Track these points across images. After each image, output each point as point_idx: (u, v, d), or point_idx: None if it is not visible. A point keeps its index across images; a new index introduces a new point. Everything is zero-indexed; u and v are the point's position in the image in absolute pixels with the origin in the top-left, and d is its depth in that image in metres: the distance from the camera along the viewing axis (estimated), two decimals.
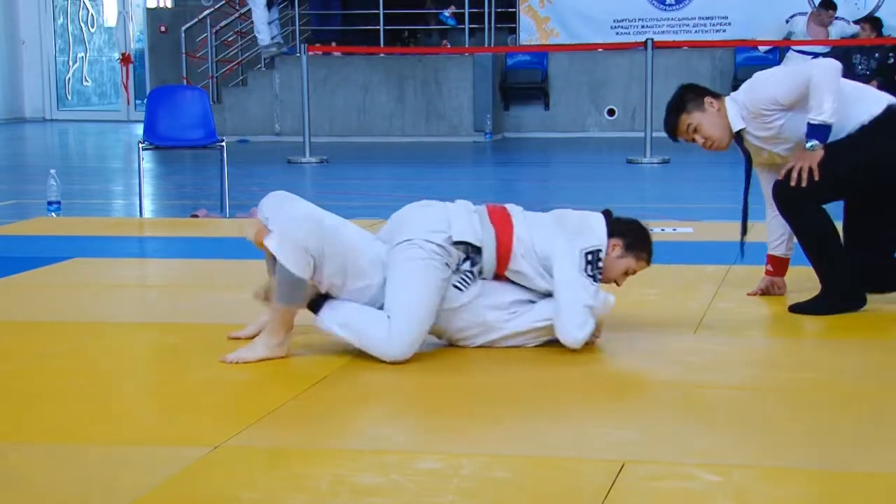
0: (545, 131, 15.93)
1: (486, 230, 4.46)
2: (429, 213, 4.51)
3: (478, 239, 4.43)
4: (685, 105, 5.10)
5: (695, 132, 5.11)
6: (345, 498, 3.09)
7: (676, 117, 5.13)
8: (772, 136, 5.05)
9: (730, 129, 5.08)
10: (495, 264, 4.46)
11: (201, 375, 4.28)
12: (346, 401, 4.02)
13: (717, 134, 5.08)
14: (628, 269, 4.59)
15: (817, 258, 5.07)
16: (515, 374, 4.26)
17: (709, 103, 5.08)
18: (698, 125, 5.09)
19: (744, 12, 15.38)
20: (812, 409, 3.86)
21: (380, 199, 9.29)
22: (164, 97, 9.38)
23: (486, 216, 4.50)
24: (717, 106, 5.08)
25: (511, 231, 4.47)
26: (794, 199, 4.98)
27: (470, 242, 4.41)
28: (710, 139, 5.09)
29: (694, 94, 5.13)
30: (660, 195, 10.17)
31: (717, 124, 5.08)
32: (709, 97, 5.10)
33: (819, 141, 4.89)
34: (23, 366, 4.44)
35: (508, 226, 4.48)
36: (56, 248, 7.04)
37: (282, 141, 15.28)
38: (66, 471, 3.33)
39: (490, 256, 4.44)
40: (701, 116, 5.08)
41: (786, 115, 4.98)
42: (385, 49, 15.73)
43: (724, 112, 5.07)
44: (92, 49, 21.12)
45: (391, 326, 4.30)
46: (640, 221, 4.67)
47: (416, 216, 4.50)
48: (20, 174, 12.67)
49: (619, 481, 3.17)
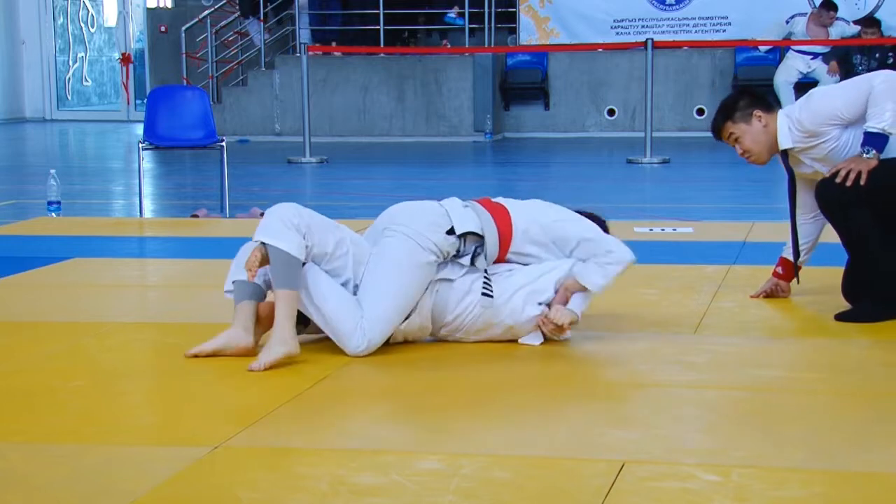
0: (545, 131, 15.93)
1: (484, 218, 4.51)
2: (423, 207, 4.55)
3: (479, 227, 4.48)
4: (733, 113, 5.03)
5: (735, 141, 5.06)
6: (345, 498, 3.09)
7: (722, 122, 5.07)
8: (820, 158, 4.98)
9: (772, 145, 5.01)
10: (497, 248, 4.52)
11: (201, 375, 4.27)
12: (346, 401, 4.02)
13: (757, 149, 5.02)
14: None
15: (861, 259, 4.96)
16: (515, 373, 4.27)
17: (757, 117, 5.00)
18: (740, 136, 5.03)
19: (744, 12, 15.38)
20: (812, 409, 3.87)
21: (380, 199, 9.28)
22: (164, 97, 9.37)
23: (480, 207, 4.57)
24: (766, 122, 5.00)
25: (508, 216, 4.54)
26: (838, 199, 4.86)
27: (474, 231, 4.46)
28: (749, 152, 5.04)
29: (747, 103, 5.03)
30: (660, 195, 10.17)
31: (760, 140, 5.01)
32: (759, 110, 5.00)
33: (876, 150, 4.79)
34: (23, 366, 4.44)
35: (505, 213, 4.55)
36: (56, 248, 7.04)
37: (282, 141, 15.28)
38: (66, 471, 3.33)
39: (493, 240, 4.50)
40: (745, 129, 5.01)
41: (840, 138, 4.90)
42: (385, 49, 15.73)
43: (771, 128, 5.00)
44: (92, 49, 21.12)
45: (362, 326, 4.33)
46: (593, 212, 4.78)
47: (410, 210, 4.54)
48: (20, 174, 12.66)
49: (619, 481, 3.17)
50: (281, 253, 4.28)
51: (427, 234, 4.41)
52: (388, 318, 4.37)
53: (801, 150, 5.02)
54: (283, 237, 4.29)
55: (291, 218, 4.32)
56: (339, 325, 4.35)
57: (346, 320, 4.34)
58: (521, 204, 4.65)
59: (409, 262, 4.38)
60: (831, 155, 4.94)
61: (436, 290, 4.47)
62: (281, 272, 4.30)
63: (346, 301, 4.37)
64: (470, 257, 4.49)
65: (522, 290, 4.51)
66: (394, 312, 4.38)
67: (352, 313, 4.34)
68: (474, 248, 4.48)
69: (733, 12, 15.48)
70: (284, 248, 4.28)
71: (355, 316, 4.34)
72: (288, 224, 4.30)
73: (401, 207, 4.58)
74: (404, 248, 4.39)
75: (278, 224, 4.31)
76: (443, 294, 4.48)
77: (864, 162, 4.81)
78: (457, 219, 4.47)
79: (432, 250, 4.41)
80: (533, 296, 4.50)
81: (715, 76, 15.58)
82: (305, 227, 4.34)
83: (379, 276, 4.38)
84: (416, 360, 4.38)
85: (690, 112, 15.60)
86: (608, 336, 4.57)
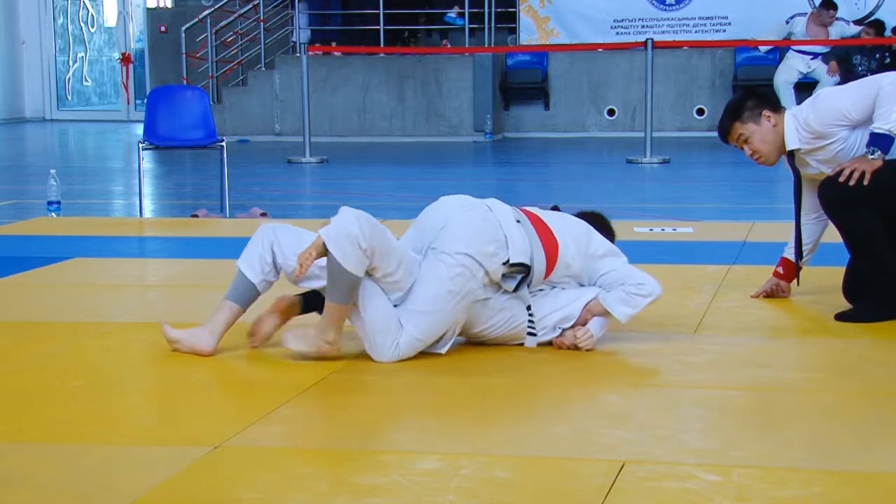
0: (545, 131, 15.93)
1: (535, 245, 4.44)
2: (483, 228, 4.41)
3: (529, 257, 4.42)
4: (742, 113, 5.01)
5: (745, 142, 5.03)
6: (345, 498, 3.09)
7: (730, 123, 5.05)
8: (826, 160, 4.97)
9: (781, 145, 5.01)
10: (542, 279, 4.48)
11: (201, 375, 4.28)
12: (346, 401, 4.02)
13: (766, 150, 5.01)
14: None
15: (864, 259, 4.95)
16: (515, 373, 4.26)
17: (766, 117, 4.98)
18: (749, 137, 5.01)
19: (744, 12, 15.38)
20: (812, 409, 3.87)
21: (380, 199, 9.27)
22: (164, 97, 9.37)
23: (531, 227, 4.47)
24: (775, 121, 4.99)
25: (556, 245, 4.47)
26: (841, 197, 4.84)
27: (523, 263, 4.41)
28: (758, 153, 5.02)
29: (754, 103, 5.02)
30: (660, 195, 10.17)
31: (769, 140, 5.00)
32: (768, 110, 4.99)
33: (882, 150, 4.78)
34: (23, 366, 4.44)
35: (553, 239, 4.48)
36: (56, 248, 7.04)
37: (282, 141, 15.28)
38: (66, 471, 3.33)
39: (539, 271, 4.45)
40: (754, 129, 5.00)
41: (847, 139, 4.89)
42: (385, 49, 15.73)
43: (780, 128, 4.98)
44: (92, 49, 21.11)
45: (399, 344, 4.30)
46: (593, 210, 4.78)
47: (468, 224, 4.41)
48: (20, 174, 12.66)
49: (619, 481, 3.17)
50: (345, 272, 4.20)
51: (485, 263, 4.34)
52: (425, 340, 4.35)
53: (807, 152, 5.01)
54: (350, 255, 4.19)
55: (360, 240, 4.20)
56: (376, 337, 4.31)
57: (385, 335, 4.31)
58: (566, 228, 4.54)
59: (460, 291, 4.32)
60: (838, 157, 4.92)
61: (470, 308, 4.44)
62: (339, 289, 4.24)
63: (388, 315, 4.32)
64: (515, 285, 4.45)
65: (554, 314, 4.50)
66: (431, 335, 4.35)
67: (392, 329, 4.31)
68: (520, 278, 4.43)
69: (733, 12, 15.49)
70: (350, 269, 4.20)
71: (395, 332, 4.31)
72: (355, 243, 4.20)
73: (458, 222, 4.41)
74: (459, 279, 4.32)
75: (347, 241, 4.20)
76: (476, 311, 4.45)
77: (868, 162, 4.79)
78: (513, 246, 4.38)
79: (484, 283, 4.37)
80: (563, 322, 4.51)
81: (715, 76, 15.58)
82: (371, 250, 4.23)
83: (428, 300, 4.31)
84: (417, 361, 4.38)
85: (690, 112, 15.60)
86: (608, 336, 4.57)
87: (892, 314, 4.91)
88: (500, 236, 4.40)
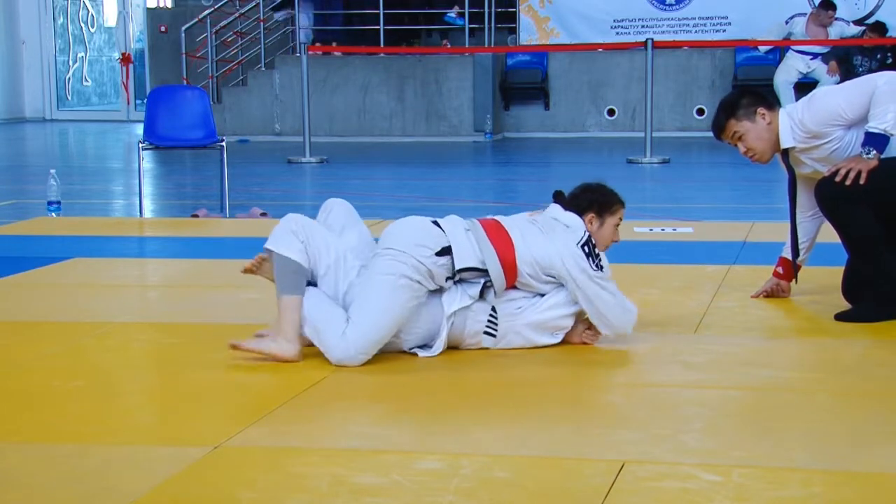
0: (545, 131, 15.93)
1: (486, 250, 4.43)
2: (414, 226, 4.49)
3: (479, 261, 4.42)
4: (736, 111, 5.01)
5: (739, 140, 5.03)
6: (345, 498, 3.09)
7: (725, 120, 5.04)
8: (821, 159, 4.97)
9: (775, 144, 5.00)
10: (504, 281, 4.45)
11: (201, 375, 4.28)
12: (346, 401, 4.02)
13: (761, 147, 5.01)
14: (615, 226, 4.64)
15: (861, 259, 4.95)
16: (515, 373, 4.26)
17: (761, 115, 4.98)
18: (744, 134, 5.00)
19: (744, 12, 15.38)
20: (812, 409, 3.87)
21: (380, 199, 9.27)
22: (164, 97, 9.37)
23: (483, 234, 4.47)
24: (769, 119, 4.98)
25: (512, 248, 4.45)
26: (837, 197, 4.84)
27: (475, 267, 4.41)
28: (753, 151, 5.02)
29: (749, 101, 5.01)
30: (660, 195, 10.17)
31: (764, 138, 4.99)
32: (762, 108, 4.99)
33: (877, 150, 4.78)
34: (23, 366, 4.44)
35: (508, 243, 4.46)
36: (56, 248, 7.04)
37: (282, 141, 15.28)
38: (66, 471, 3.33)
39: (498, 275, 4.42)
40: (749, 126, 4.99)
41: (843, 139, 4.89)
42: (385, 49, 15.73)
43: (774, 126, 4.98)
44: (92, 49, 21.12)
45: (346, 333, 4.30)
46: (586, 182, 4.69)
47: (400, 229, 4.49)
48: (20, 174, 12.67)
49: (619, 481, 3.17)
50: (287, 261, 4.34)
51: (413, 252, 4.36)
52: (371, 332, 4.32)
53: (802, 150, 5.01)
54: (290, 245, 4.37)
55: (297, 233, 4.38)
56: (322, 331, 4.33)
57: (328, 324, 4.33)
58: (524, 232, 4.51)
59: (394, 274, 4.33)
60: (834, 156, 4.92)
61: (451, 323, 4.44)
62: (285, 279, 4.35)
63: (330, 307, 4.37)
64: (479, 290, 4.44)
65: (530, 325, 4.50)
66: (377, 327, 4.33)
67: (336, 319, 4.33)
68: (483, 283, 4.44)
69: (733, 12, 15.49)
70: (291, 256, 4.35)
71: (339, 323, 4.32)
72: (290, 234, 4.37)
73: (392, 227, 4.54)
74: (389, 267, 4.35)
75: (284, 234, 4.39)
76: (458, 325, 4.46)
77: (864, 162, 4.79)
78: (457, 253, 4.39)
79: (417, 269, 4.35)
80: (542, 328, 4.51)
81: (715, 76, 15.58)
82: (307, 239, 4.38)
83: (364, 293, 4.35)
84: (416, 361, 4.38)
85: (690, 112, 15.60)
86: (608, 336, 4.57)
87: (891, 314, 4.91)
88: (434, 233, 4.42)
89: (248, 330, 4.82)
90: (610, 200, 4.63)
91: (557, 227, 4.50)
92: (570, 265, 4.41)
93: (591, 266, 4.42)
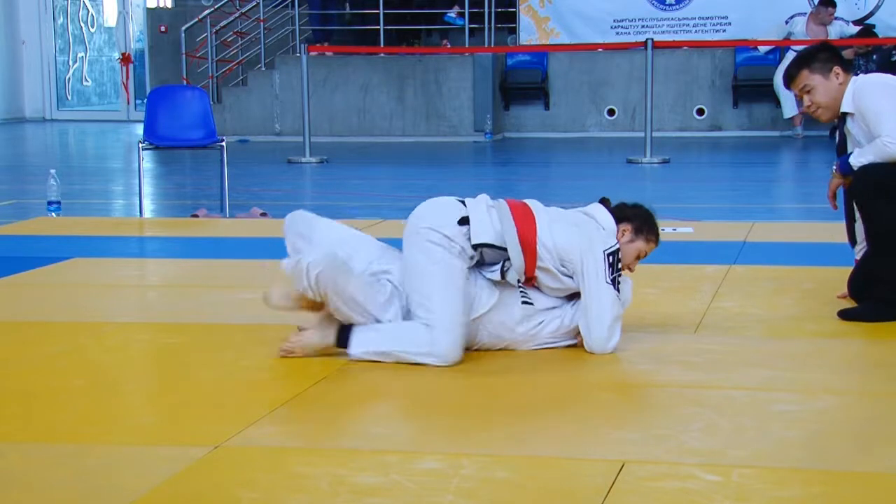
0: (545, 131, 15.93)
1: (507, 225, 4.38)
2: (439, 204, 4.49)
3: (499, 239, 4.37)
4: (812, 63, 5.02)
5: (807, 93, 5.04)
6: (345, 498, 3.09)
7: (798, 70, 5.05)
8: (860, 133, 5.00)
9: (838, 107, 5.02)
10: (524, 264, 4.38)
11: (201, 375, 4.28)
12: (346, 401, 4.02)
13: (826, 103, 5.03)
14: (640, 253, 4.62)
15: (880, 254, 4.92)
16: (515, 374, 4.26)
17: (835, 73, 5.00)
18: (814, 88, 5.01)
19: (744, 12, 15.38)
20: (812, 409, 3.86)
21: (380, 199, 9.28)
22: (164, 97, 9.37)
23: (507, 211, 4.42)
24: (842, 80, 5.00)
25: (534, 229, 4.40)
26: (869, 191, 4.85)
27: (491, 244, 4.37)
28: (818, 105, 5.04)
29: (827, 56, 5.02)
30: (660, 195, 10.15)
31: (832, 96, 5.01)
32: (839, 67, 5.01)
33: (840, 168, 4.89)
34: (23, 366, 4.44)
35: (531, 224, 4.41)
36: (56, 248, 7.04)
37: (282, 141, 15.28)
38: (66, 471, 3.33)
39: (517, 254, 4.37)
40: (821, 81, 5.00)
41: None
42: (385, 49, 15.73)
43: (843, 88, 5.00)
44: (92, 49, 21.11)
45: (432, 336, 4.26)
46: (643, 204, 4.68)
47: (425, 207, 4.48)
48: (20, 174, 12.67)
49: (619, 481, 3.17)
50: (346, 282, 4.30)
51: (438, 229, 4.34)
52: (454, 325, 4.29)
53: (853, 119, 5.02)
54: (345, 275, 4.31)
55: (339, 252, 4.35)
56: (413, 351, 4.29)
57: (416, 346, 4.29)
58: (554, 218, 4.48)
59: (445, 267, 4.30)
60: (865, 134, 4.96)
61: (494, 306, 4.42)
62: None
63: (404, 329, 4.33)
64: (500, 272, 4.42)
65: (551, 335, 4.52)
66: (454, 316, 4.29)
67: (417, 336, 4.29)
68: (503, 262, 4.40)
69: (733, 12, 15.49)
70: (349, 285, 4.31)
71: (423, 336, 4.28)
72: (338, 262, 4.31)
73: (419, 208, 4.49)
74: (430, 254, 4.32)
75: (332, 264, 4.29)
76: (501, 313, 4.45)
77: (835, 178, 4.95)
78: (473, 228, 4.36)
79: (450, 248, 4.32)
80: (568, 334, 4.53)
81: (715, 76, 15.58)
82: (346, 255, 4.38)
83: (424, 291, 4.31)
84: None
85: (690, 112, 15.61)
86: None
87: (892, 315, 4.90)
88: (457, 214, 4.39)
89: (248, 330, 4.83)
90: (652, 228, 4.64)
91: (590, 224, 4.48)
92: (588, 263, 4.39)
93: (605, 274, 4.41)
